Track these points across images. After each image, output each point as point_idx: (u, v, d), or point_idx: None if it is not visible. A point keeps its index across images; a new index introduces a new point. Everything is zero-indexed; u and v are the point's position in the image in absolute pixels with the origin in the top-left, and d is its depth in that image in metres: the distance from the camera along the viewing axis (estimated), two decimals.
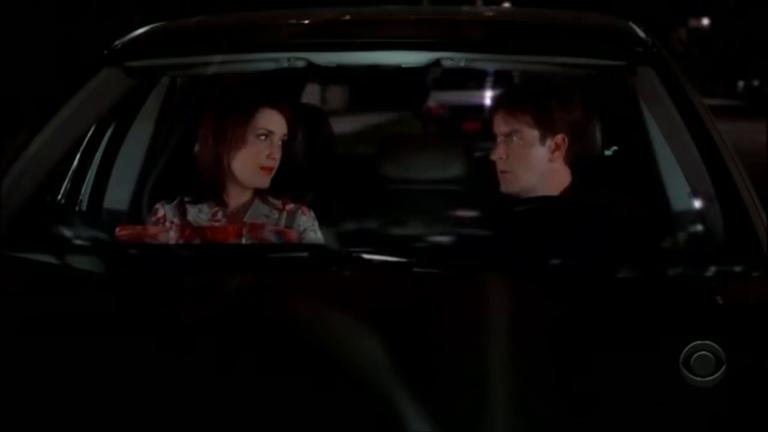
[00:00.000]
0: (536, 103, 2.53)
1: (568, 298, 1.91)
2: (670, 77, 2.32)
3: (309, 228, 2.49)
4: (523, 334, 1.77)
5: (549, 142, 2.52)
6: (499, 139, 2.56)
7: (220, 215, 2.48)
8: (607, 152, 2.90)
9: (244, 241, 2.33)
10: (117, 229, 2.39)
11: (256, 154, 2.45)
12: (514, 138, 2.53)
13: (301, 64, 2.49)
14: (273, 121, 2.47)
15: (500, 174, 2.56)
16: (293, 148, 2.63)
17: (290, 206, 2.52)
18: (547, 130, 2.52)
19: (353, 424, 1.57)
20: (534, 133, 2.52)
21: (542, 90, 2.58)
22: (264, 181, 2.48)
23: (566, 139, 2.53)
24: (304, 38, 2.50)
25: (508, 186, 2.55)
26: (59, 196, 2.79)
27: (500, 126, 2.56)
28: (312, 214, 2.53)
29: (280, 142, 2.48)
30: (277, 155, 2.47)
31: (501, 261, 2.05)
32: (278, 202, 2.52)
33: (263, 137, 2.45)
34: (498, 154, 2.55)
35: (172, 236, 2.35)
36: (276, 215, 2.50)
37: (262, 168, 2.45)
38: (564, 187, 2.54)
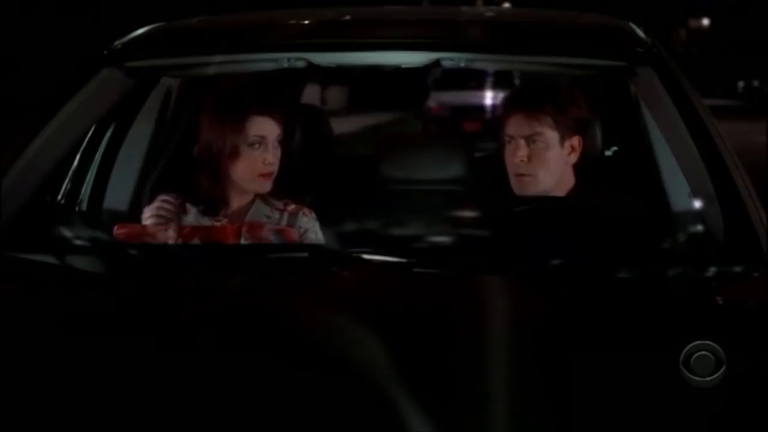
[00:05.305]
0: (556, 105, 2.51)
1: (568, 299, 1.90)
2: (670, 77, 2.32)
3: (310, 229, 2.49)
4: (523, 334, 1.77)
5: (567, 144, 2.52)
6: (518, 141, 2.52)
7: (221, 215, 2.48)
8: (607, 152, 2.90)
9: (243, 240, 2.32)
10: (115, 227, 2.38)
11: (252, 162, 2.44)
12: (537, 140, 2.51)
13: (301, 64, 2.49)
14: (264, 127, 2.45)
15: (518, 177, 2.53)
16: (292, 148, 2.62)
17: (291, 207, 2.51)
18: (565, 131, 2.51)
19: (353, 423, 1.57)
20: (555, 135, 2.51)
21: (559, 91, 2.57)
22: (264, 187, 2.47)
23: (581, 141, 2.53)
24: (304, 38, 2.50)
25: (526, 189, 2.52)
26: (59, 196, 2.79)
27: (521, 128, 2.52)
28: (313, 215, 2.52)
29: (276, 143, 2.46)
30: (274, 158, 2.46)
31: (501, 261, 2.05)
32: (279, 203, 2.51)
33: (257, 145, 2.43)
34: (519, 157, 2.51)
35: (171, 235, 2.34)
36: (277, 216, 2.49)
37: (260, 175, 2.44)
38: (569, 189, 2.54)
